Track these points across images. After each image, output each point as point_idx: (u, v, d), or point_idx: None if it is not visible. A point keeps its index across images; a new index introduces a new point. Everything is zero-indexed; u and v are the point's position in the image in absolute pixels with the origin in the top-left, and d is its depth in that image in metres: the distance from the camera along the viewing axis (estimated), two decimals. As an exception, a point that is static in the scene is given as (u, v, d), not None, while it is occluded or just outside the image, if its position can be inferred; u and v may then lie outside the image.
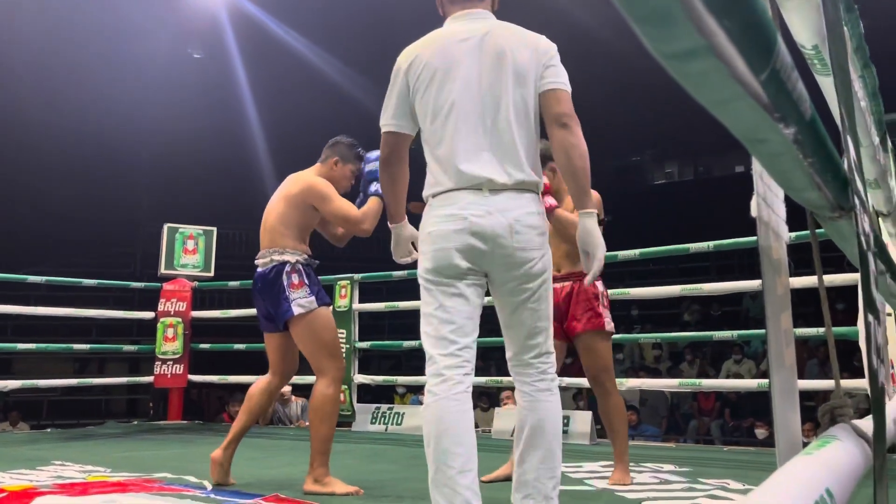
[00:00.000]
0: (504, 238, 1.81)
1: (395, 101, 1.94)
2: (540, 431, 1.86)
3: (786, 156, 0.58)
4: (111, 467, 3.41)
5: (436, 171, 1.89)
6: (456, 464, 1.74)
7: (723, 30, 0.38)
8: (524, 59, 1.88)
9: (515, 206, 1.83)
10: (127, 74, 9.19)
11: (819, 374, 7.15)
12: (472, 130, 1.85)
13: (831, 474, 0.59)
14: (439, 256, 1.83)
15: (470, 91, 1.86)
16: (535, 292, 1.87)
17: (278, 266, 2.93)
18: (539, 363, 1.91)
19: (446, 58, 1.88)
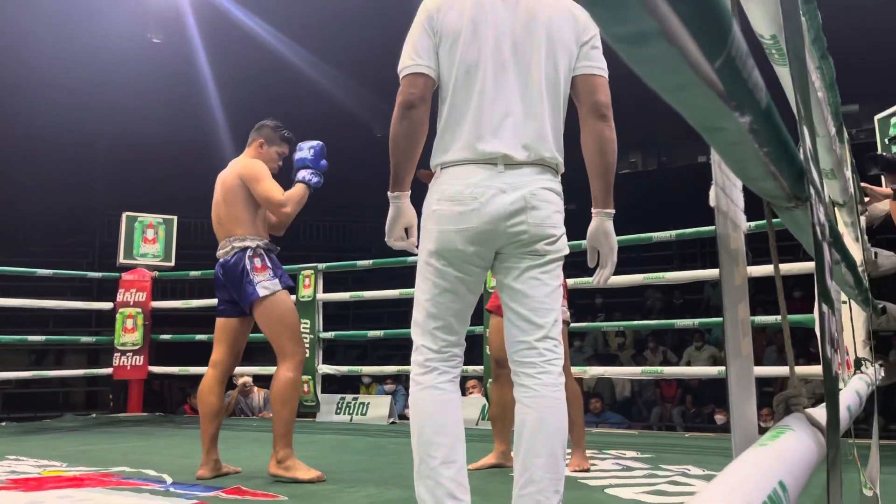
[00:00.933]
0: (518, 215, 1.66)
1: (424, 44, 1.72)
2: (543, 436, 1.64)
3: (742, 145, 0.58)
4: (68, 461, 3.34)
5: (449, 137, 1.72)
6: (438, 454, 1.63)
7: (676, 13, 0.37)
8: (562, 29, 1.73)
9: (532, 181, 1.68)
10: (83, 59, 8.94)
11: (777, 361, 7.30)
12: (497, 96, 1.69)
13: (785, 466, 0.59)
14: (444, 239, 1.68)
15: (502, 53, 1.70)
16: (546, 265, 1.70)
17: (239, 252, 2.96)
18: (546, 350, 1.69)
19: (479, 10, 1.71)
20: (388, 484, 2.77)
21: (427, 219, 1.73)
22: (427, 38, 1.72)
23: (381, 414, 5.30)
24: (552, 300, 1.71)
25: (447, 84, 1.73)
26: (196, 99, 9.82)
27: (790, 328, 4.92)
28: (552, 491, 1.62)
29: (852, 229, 2.78)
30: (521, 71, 1.70)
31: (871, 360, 2.93)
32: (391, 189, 1.79)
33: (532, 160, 1.69)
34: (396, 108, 1.71)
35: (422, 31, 1.73)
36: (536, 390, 1.67)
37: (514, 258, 1.70)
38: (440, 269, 1.69)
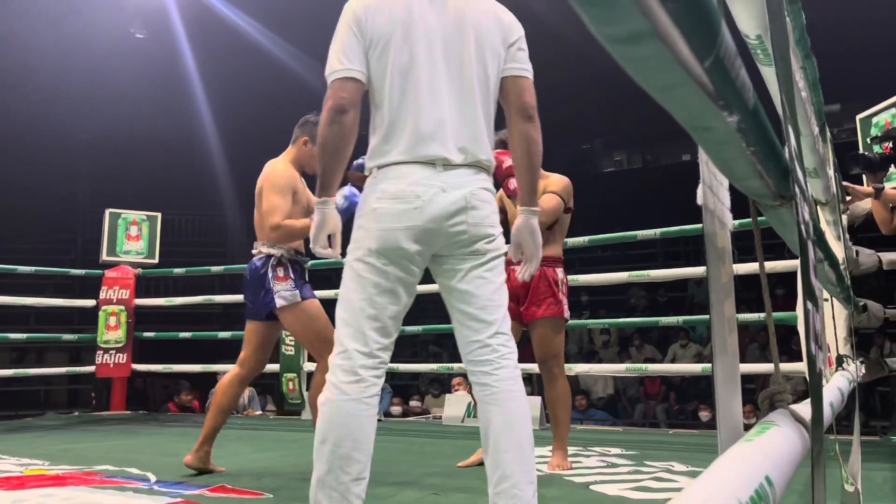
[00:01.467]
0: (458, 215, 1.67)
1: (353, 47, 1.70)
2: (509, 430, 1.65)
3: (730, 144, 0.58)
4: (50, 460, 3.31)
5: (385, 141, 1.71)
6: (353, 471, 1.61)
7: (667, 13, 0.37)
8: (490, 31, 1.75)
9: (469, 182, 1.70)
10: (66, 54, 8.85)
11: (760, 358, 7.37)
12: (432, 99, 1.69)
13: (771, 461, 0.60)
14: (386, 237, 1.65)
15: (433, 55, 1.70)
16: (488, 262, 1.72)
17: (264, 258, 2.94)
18: (499, 346, 1.70)
19: (408, 12, 1.70)
20: (372, 480, 2.77)
21: (366, 217, 1.70)
22: (356, 42, 1.70)
23: (366, 411, 5.30)
24: (499, 297, 1.73)
25: (380, 88, 1.72)
26: (180, 95, 9.75)
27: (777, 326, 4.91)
28: (526, 483, 1.62)
29: (834, 228, 2.81)
30: (453, 73, 1.71)
31: (853, 357, 2.97)
32: (318, 194, 1.76)
33: (469, 162, 1.71)
34: (325, 112, 1.69)
35: (350, 34, 1.71)
36: (496, 386, 1.68)
37: (456, 259, 1.71)
38: (381, 268, 1.67)
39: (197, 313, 8.46)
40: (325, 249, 1.81)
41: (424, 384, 8.50)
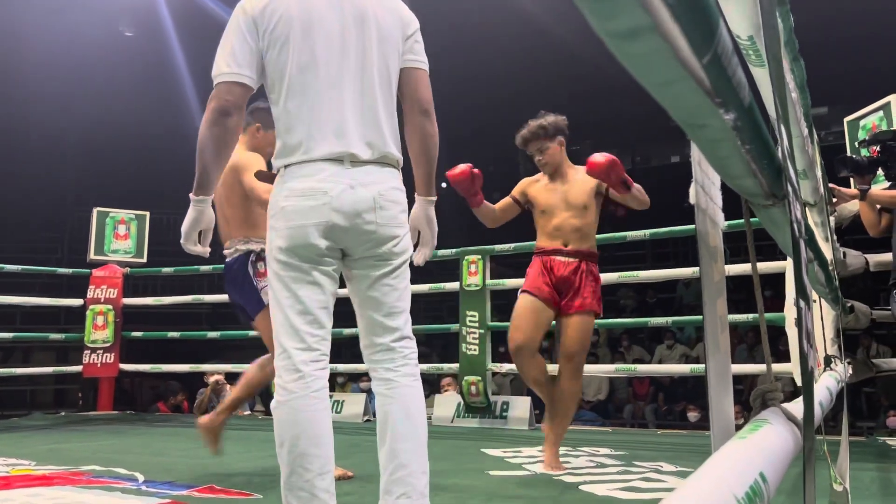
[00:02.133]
0: (367, 213, 1.66)
1: (244, 50, 1.68)
2: (408, 421, 1.68)
3: (725, 142, 0.59)
4: (36, 460, 3.28)
5: (291, 139, 1.68)
6: (314, 466, 1.61)
7: (667, 8, 0.37)
8: (388, 24, 1.75)
9: (379, 180, 1.69)
10: (54, 52, 8.78)
11: (748, 359, 7.41)
12: (334, 96, 1.68)
13: (764, 458, 0.60)
14: (296, 235, 1.64)
15: (332, 51, 1.69)
16: (396, 269, 1.74)
17: (242, 256, 2.83)
18: (402, 348, 1.74)
19: (305, 10, 1.68)
20: (364, 481, 2.77)
21: (275, 217, 1.69)
22: (247, 45, 1.69)
23: (355, 412, 5.28)
24: (403, 302, 1.76)
25: (280, 87, 1.70)
26: (170, 93, 9.70)
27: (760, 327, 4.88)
28: (420, 472, 1.65)
29: (822, 229, 2.83)
30: (355, 69, 1.70)
31: (841, 358, 2.99)
32: (195, 193, 1.75)
33: (376, 158, 1.70)
34: (209, 112, 1.68)
35: (241, 38, 1.69)
36: (397, 381, 1.71)
37: (364, 265, 1.73)
38: (297, 264, 1.67)
39: (185, 313, 8.41)
40: (195, 246, 1.82)
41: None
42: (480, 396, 4.80)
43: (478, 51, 8.90)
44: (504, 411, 4.80)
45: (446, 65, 9.19)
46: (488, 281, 4.90)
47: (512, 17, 8.11)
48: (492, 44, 8.73)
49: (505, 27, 8.38)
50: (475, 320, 4.84)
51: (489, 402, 4.82)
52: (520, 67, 9.17)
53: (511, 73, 9.35)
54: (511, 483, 2.74)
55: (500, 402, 4.87)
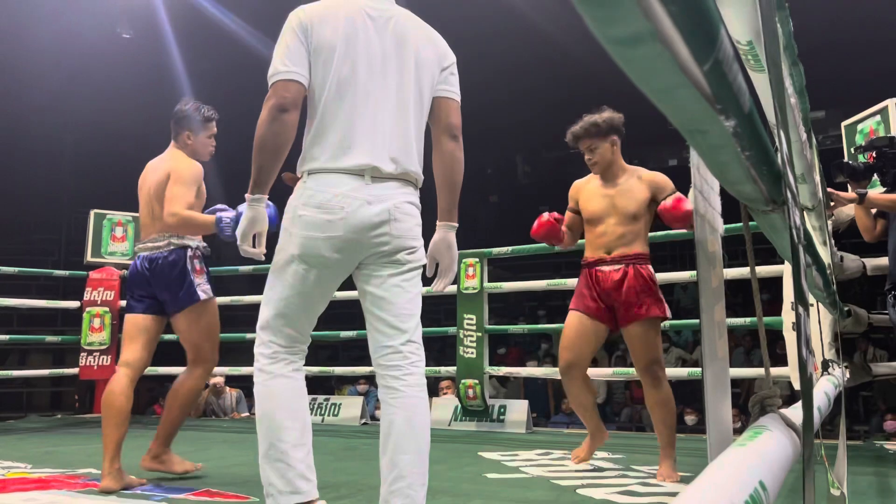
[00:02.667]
0: (382, 226, 1.74)
1: (299, 52, 1.77)
2: (411, 432, 1.71)
3: (725, 148, 0.58)
4: (32, 463, 3.27)
5: (319, 145, 1.76)
6: (289, 438, 1.70)
7: (669, 15, 0.37)
8: (427, 54, 1.85)
9: (395, 195, 1.77)
10: (50, 54, 8.77)
11: (745, 363, 7.42)
12: (368, 111, 1.76)
13: (764, 465, 0.60)
14: (308, 245, 1.73)
15: (373, 70, 1.78)
16: (407, 272, 1.80)
17: (179, 251, 2.85)
18: (410, 353, 1.78)
19: (352, 28, 1.78)
20: (360, 484, 2.76)
21: (291, 223, 1.76)
22: (301, 48, 1.77)
23: (353, 415, 5.27)
24: (413, 306, 1.81)
25: (319, 96, 1.78)
26: (167, 95, 9.66)
27: (757, 330, 4.92)
28: (419, 485, 1.69)
29: (820, 233, 2.83)
30: (390, 89, 1.79)
31: (838, 362, 2.99)
32: (252, 191, 1.79)
33: (398, 174, 1.78)
34: (267, 110, 1.73)
35: (296, 40, 1.77)
36: (402, 391, 1.75)
37: (376, 266, 1.79)
38: (301, 273, 1.75)
39: (182, 315, 8.37)
40: (250, 248, 1.86)
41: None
42: (478, 399, 4.79)
43: (474, 54, 8.90)
44: (501, 414, 4.79)
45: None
46: (486, 284, 4.90)
47: (509, 21, 8.11)
48: (488, 47, 8.73)
49: (502, 30, 8.39)
50: (472, 323, 4.83)
51: (486, 405, 4.82)
52: (517, 71, 9.17)
53: (508, 76, 9.35)
54: (510, 486, 2.73)
55: (498, 405, 4.87)
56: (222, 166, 10.64)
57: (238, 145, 3.20)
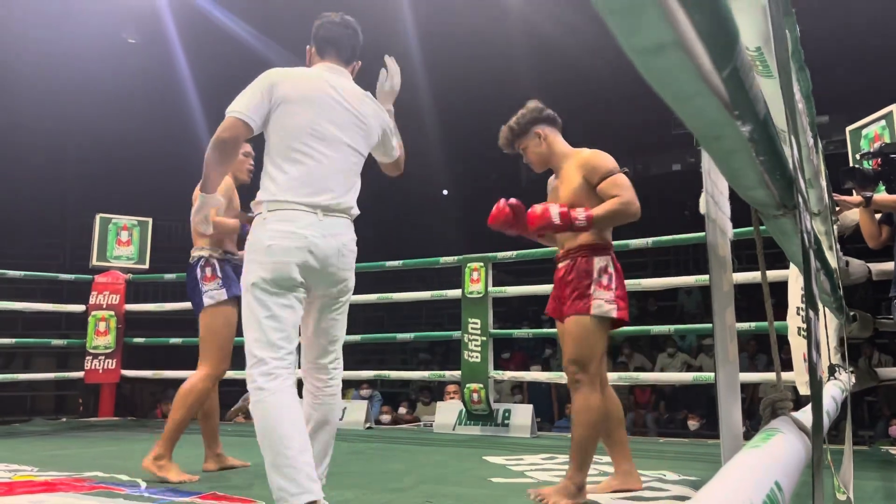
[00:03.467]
0: (333, 258, 2.08)
1: (258, 103, 2.10)
2: (324, 426, 2.18)
3: (740, 153, 0.59)
4: (38, 466, 3.28)
5: (279, 184, 2.07)
6: (295, 445, 1.91)
7: (692, 24, 0.38)
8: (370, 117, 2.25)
9: (343, 232, 2.11)
10: (57, 58, 8.81)
11: (749, 367, 7.40)
12: (321, 156, 2.10)
13: (779, 467, 0.61)
14: (280, 269, 2.02)
15: (323, 123, 2.12)
16: (342, 306, 2.19)
17: (195, 259, 3.18)
18: (332, 368, 2.21)
19: (314, 90, 2.15)
20: (366, 488, 2.77)
21: (260, 252, 2.04)
22: (263, 101, 2.11)
23: (357, 419, 5.28)
24: (342, 331, 2.23)
25: (278, 142, 2.11)
26: (173, 100, 9.73)
27: (764, 334, 4.97)
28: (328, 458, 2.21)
29: (826, 238, 2.83)
30: (339, 139, 2.14)
31: (844, 367, 2.99)
32: (202, 189, 2.20)
33: (341, 210, 2.12)
34: (220, 134, 2.09)
35: (260, 94, 2.12)
36: (321, 399, 2.19)
37: (321, 301, 2.15)
38: (277, 292, 2.04)
39: (187, 319, 8.39)
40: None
41: (414, 392, 8.48)
42: (482, 404, 4.79)
43: (480, 60, 8.93)
44: (506, 419, 4.79)
45: (449, 75, 9.23)
46: (490, 288, 4.91)
47: (514, 27, 8.14)
48: (493, 53, 8.75)
49: (507, 36, 8.41)
50: (477, 328, 4.84)
51: (491, 409, 4.82)
52: (521, 76, 9.19)
53: (512, 81, 9.37)
54: (514, 490, 2.73)
55: (502, 409, 4.87)
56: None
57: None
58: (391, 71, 2.46)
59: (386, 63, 2.46)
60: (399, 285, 8.49)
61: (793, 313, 3.71)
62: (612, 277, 2.53)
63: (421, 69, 8.69)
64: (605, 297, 2.48)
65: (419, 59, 8.58)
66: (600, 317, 2.47)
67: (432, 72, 8.79)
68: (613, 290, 2.50)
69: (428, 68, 8.71)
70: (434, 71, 8.81)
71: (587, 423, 2.45)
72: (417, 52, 8.49)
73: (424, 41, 8.42)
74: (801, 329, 3.61)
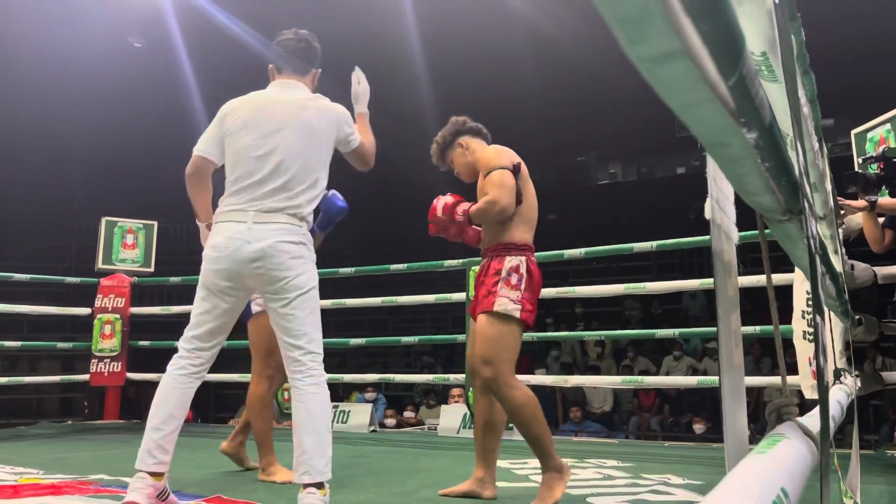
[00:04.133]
0: (258, 261, 2.24)
1: (213, 135, 2.44)
2: (310, 421, 2.22)
3: (746, 160, 0.59)
4: (44, 469, 3.29)
5: (225, 199, 2.37)
6: (153, 422, 2.23)
7: (698, 33, 0.38)
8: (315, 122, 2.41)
9: (270, 236, 2.25)
10: (63, 62, 8.84)
11: (753, 371, 7.38)
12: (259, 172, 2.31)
13: (785, 473, 0.61)
14: (207, 275, 2.31)
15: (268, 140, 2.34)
16: (290, 302, 2.27)
17: None
18: (307, 360, 2.28)
19: (256, 111, 2.40)
20: (370, 491, 2.77)
21: (203, 258, 2.34)
22: (217, 134, 2.44)
23: (361, 422, 5.28)
24: (305, 325, 2.28)
25: (229, 163, 2.40)
26: (178, 103, 9.75)
27: (769, 338, 4.97)
28: (318, 456, 2.19)
29: (831, 242, 2.83)
30: (277, 151, 2.33)
31: (850, 371, 2.98)
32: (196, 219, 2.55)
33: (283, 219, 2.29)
34: (188, 169, 2.45)
35: (214, 128, 2.46)
36: (302, 389, 2.26)
37: (269, 299, 2.30)
38: (204, 296, 2.32)
39: (191, 322, 8.40)
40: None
41: (419, 395, 8.48)
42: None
43: (484, 63, 8.94)
44: (510, 422, 4.79)
45: (452, 79, 9.24)
46: None
47: (519, 31, 8.15)
48: (497, 56, 8.76)
49: (511, 39, 8.42)
50: None
51: None
52: (525, 79, 9.20)
53: (516, 84, 9.39)
54: (517, 494, 2.73)
55: (507, 413, 4.86)
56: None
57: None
58: (356, 78, 2.73)
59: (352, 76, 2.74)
60: (403, 288, 8.50)
61: (798, 317, 3.71)
62: (523, 279, 2.48)
63: (424, 73, 8.70)
64: (511, 295, 2.44)
65: (422, 63, 8.59)
66: (505, 315, 2.43)
67: (435, 75, 8.80)
68: (521, 291, 2.46)
69: (431, 71, 8.72)
70: (437, 74, 8.82)
71: (525, 422, 2.42)
72: (420, 55, 8.50)
73: (427, 45, 8.43)
74: (807, 333, 3.61)
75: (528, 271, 2.51)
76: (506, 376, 2.41)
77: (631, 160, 13.49)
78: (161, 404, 2.27)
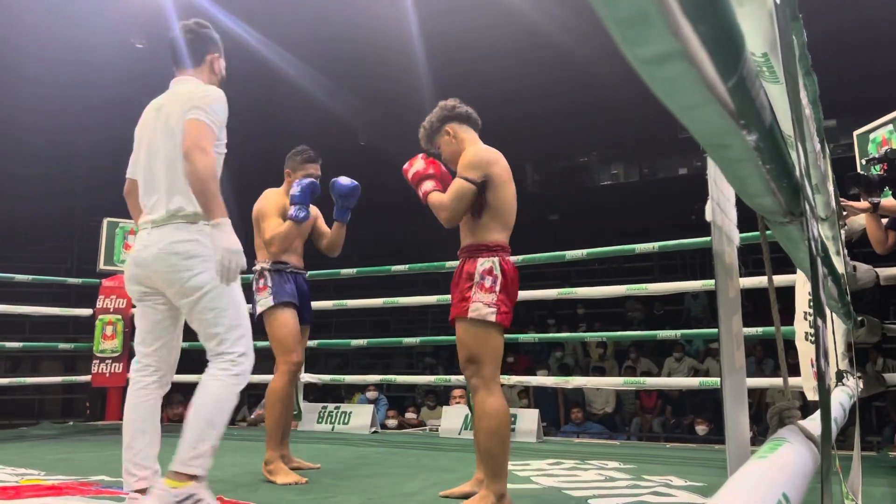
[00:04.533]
0: (154, 264, 2.28)
1: (133, 154, 2.52)
2: (196, 409, 2.23)
3: (746, 162, 0.59)
4: (45, 470, 3.29)
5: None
6: (125, 440, 2.30)
7: (697, 35, 0.38)
8: (176, 114, 2.34)
9: (164, 239, 2.29)
10: (64, 63, 8.85)
11: (756, 373, 7.37)
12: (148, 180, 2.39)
13: (786, 477, 0.60)
14: (126, 285, 2.41)
15: (146, 151, 2.41)
16: (196, 303, 2.27)
17: (254, 274, 3.39)
18: (219, 353, 2.29)
19: (144, 121, 2.46)
20: (371, 492, 2.76)
21: None
22: (134, 152, 2.51)
23: (363, 423, 5.27)
24: (213, 324, 2.28)
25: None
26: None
27: (771, 339, 4.95)
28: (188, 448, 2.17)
29: (833, 243, 2.82)
30: (158, 160, 2.36)
31: (852, 373, 2.97)
32: None
33: (168, 218, 2.31)
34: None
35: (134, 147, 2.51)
36: (204, 380, 2.27)
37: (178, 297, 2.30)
38: (134, 305, 2.46)
39: (193, 323, 8.40)
40: None
41: (420, 396, 8.47)
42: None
43: (485, 63, 8.93)
44: (512, 424, 4.78)
45: (454, 80, 9.23)
46: None
47: (520, 31, 8.14)
48: (499, 58, 8.76)
49: (512, 41, 8.41)
50: None
51: None
52: (527, 80, 9.19)
53: (518, 85, 9.38)
54: (519, 496, 2.72)
55: (508, 414, 4.85)
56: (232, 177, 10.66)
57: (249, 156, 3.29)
58: None
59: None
60: (405, 289, 8.50)
61: (800, 318, 3.70)
62: (497, 280, 2.44)
63: (424, 73, 8.70)
64: (485, 299, 2.42)
65: (422, 64, 8.59)
66: (480, 321, 2.41)
67: (436, 75, 8.80)
68: (496, 294, 2.43)
69: (432, 72, 8.72)
70: (438, 75, 8.82)
71: (487, 431, 2.38)
72: (421, 56, 8.50)
73: (428, 45, 8.43)
74: (809, 334, 3.60)
75: (501, 272, 2.47)
76: (488, 381, 2.41)
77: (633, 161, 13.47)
78: (128, 423, 2.34)
